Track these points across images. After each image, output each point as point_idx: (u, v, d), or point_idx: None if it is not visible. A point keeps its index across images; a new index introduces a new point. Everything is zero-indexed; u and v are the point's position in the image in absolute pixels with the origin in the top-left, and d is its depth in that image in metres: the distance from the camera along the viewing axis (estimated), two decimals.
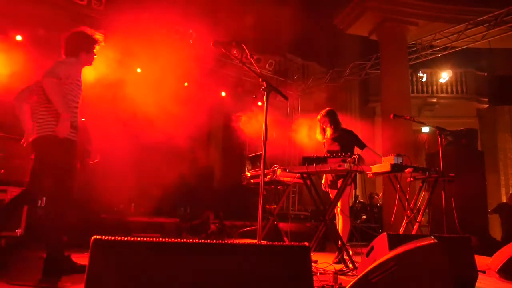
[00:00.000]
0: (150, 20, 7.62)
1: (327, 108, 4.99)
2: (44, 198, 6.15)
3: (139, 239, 1.40)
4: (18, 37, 6.63)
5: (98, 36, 3.39)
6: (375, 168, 4.45)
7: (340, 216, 4.64)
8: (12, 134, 4.53)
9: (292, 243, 1.65)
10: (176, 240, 1.46)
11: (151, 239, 1.43)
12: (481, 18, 8.51)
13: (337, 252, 4.22)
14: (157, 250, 1.42)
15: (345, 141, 4.76)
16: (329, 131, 4.86)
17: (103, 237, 1.35)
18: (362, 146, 4.77)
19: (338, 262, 4.11)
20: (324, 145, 4.97)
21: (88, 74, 6.58)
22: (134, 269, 1.37)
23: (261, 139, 2.96)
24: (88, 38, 3.35)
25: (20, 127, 4.84)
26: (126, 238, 1.39)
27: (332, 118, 4.86)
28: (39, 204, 6.05)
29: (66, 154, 3.05)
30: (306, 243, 1.62)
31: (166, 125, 6.21)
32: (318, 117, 4.95)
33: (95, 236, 1.35)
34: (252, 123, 7.13)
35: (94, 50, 3.39)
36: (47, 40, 6.71)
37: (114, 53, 6.66)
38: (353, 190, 4.68)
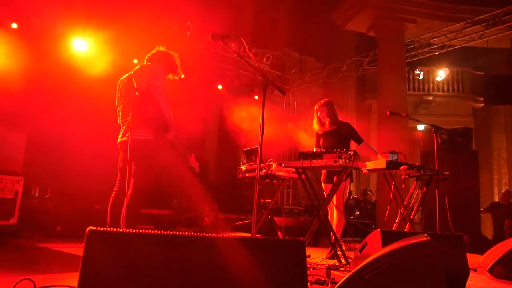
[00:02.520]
0: (148, 11, 7.56)
1: (326, 99, 4.87)
2: (38, 188, 6.15)
3: (134, 230, 1.40)
4: (14, 25, 6.54)
5: (180, 70, 3.63)
6: (370, 165, 4.46)
7: (335, 212, 4.65)
8: (4, 123, 4.48)
9: (286, 237, 1.66)
10: (171, 232, 1.46)
11: (146, 231, 1.43)
12: (479, 17, 8.52)
13: (330, 247, 4.25)
14: (152, 242, 1.42)
15: (342, 134, 4.67)
16: (326, 123, 4.75)
17: (98, 228, 1.35)
18: (359, 141, 4.69)
19: (331, 257, 4.13)
20: (319, 136, 4.86)
21: (86, 65, 6.56)
22: (129, 260, 1.37)
23: (257, 133, 2.95)
24: (173, 63, 3.59)
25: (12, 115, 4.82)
26: (121, 230, 1.38)
27: (330, 109, 4.74)
28: (33, 194, 6.03)
29: (159, 155, 3.34)
30: (301, 238, 1.63)
31: None
32: (316, 107, 4.82)
33: (90, 227, 1.34)
34: (248, 117, 7.11)
35: (167, 75, 3.61)
36: (42, 28, 6.64)
37: (111, 44, 6.62)
38: (349, 185, 4.65)
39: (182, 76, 3.66)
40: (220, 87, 9.95)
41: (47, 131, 5.81)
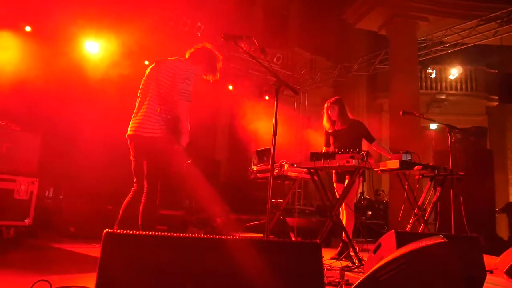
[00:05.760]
0: (158, 12, 7.59)
1: (336, 97, 4.79)
2: (52, 189, 6.22)
3: (150, 233, 1.40)
4: (27, 28, 6.63)
5: (219, 65, 3.54)
6: (384, 165, 4.42)
7: (344, 211, 4.61)
8: (19, 125, 4.53)
9: (299, 239, 1.65)
10: (187, 235, 1.46)
11: (163, 234, 1.43)
12: (494, 14, 8.36)
13: (340, 246, 4.23)
14: (168, 244, 1.42)
15: (354, 133, 4.60)
16: (337, 122, 4.68)
17: (115, 230, 1.35)
18: (371, 139, 4.63)
19: (337, 257, 4.12)
20: (329, 135, 4.80)
21: (98, 67, 6.63)
22: (146, 263, 1.37)
23: (268, 133, 2.94)
24: (215, 66, 3.52)
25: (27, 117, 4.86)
26: (137, 232, 1.39)
27: (341, 108, 4.65)
28: (46, 194, 6.11)
29: (169, 153, 3.14)
30: (318, 241, 1.61)
31: None
32: (326, 105, 4.73)
33: (107, 230, 1.35)
34: (259, 117, 7.10)
35: (203, 76, 3.54)
36: (55, 30, 6.72)
37: (122, 45, 6.66)
38: (361, 184, 4.56)
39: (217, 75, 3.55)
40: (230, 87, 9.95)
41: (61, 132, 5.88)
